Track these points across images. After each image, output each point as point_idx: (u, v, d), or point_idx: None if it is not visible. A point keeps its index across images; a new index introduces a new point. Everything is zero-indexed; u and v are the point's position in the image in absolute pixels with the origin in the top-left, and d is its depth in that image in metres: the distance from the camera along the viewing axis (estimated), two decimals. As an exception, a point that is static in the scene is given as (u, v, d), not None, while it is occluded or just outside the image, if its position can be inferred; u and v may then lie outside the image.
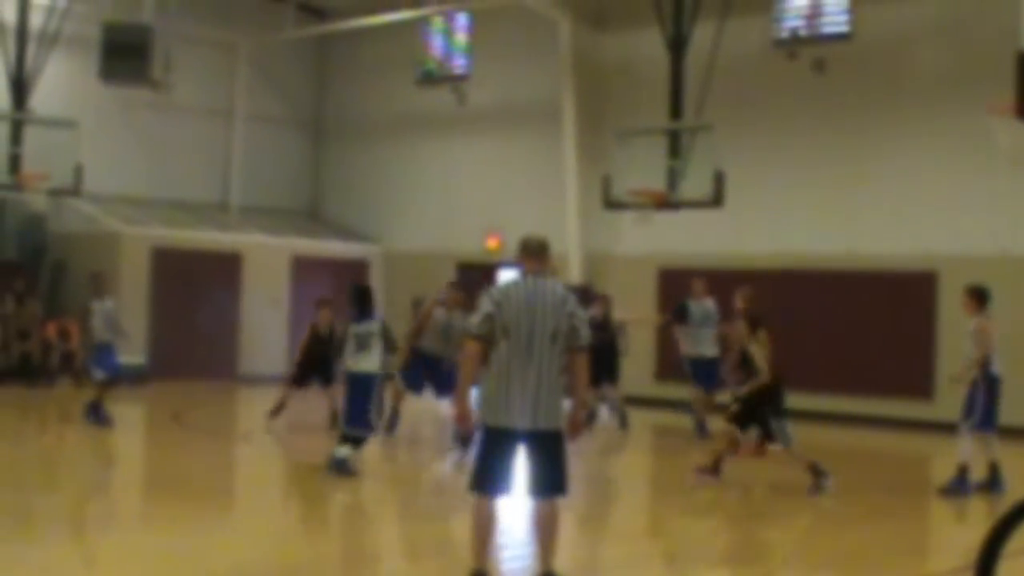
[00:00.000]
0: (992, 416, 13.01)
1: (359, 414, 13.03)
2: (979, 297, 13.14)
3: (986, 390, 12.94)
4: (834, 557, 9.90)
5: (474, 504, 7.83)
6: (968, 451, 12.99)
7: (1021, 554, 5.95)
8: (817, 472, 13.02)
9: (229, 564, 8.78)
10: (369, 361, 13.05)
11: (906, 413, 19.89)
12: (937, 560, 10.57)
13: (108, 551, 9.28)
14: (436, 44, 27.12)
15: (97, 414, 17.07)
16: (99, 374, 17.21)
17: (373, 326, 13.18)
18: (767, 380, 13.01)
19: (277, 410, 17.22)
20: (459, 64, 26.68)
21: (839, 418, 20.22)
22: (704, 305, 17.69)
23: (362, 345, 13.11)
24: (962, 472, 12.96)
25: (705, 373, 17.34)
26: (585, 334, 7.87)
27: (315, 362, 17.03)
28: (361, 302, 13.32)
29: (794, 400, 20.57)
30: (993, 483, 13.08)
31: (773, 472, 15.38)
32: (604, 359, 17.64)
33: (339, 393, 16.76)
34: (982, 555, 5.45)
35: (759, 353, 13.08)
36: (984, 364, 12.93)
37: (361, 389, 13.07)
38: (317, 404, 17.25)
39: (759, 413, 13.24)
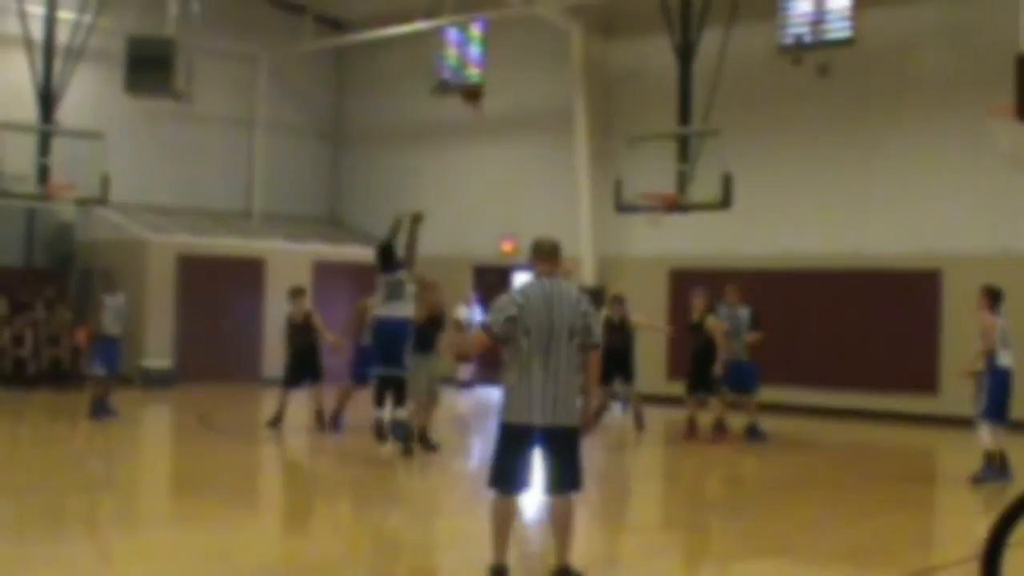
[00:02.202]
0: (998, 408, 13.08)
1: (395, 357, 13.78)
2: (990, 296, 13.31)
3: (991, 381, 13.05)
4: (844, 548, 9.87)
5: (493, 500, 7.83)
6: (988, 439, 13.10)
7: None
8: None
9: (255, 561, 8.79)
10: (403, 308, 13.76)
11: (911, 408, 19.86)
12: (945, 551, 10.53)
13: (136, 549, 9.28)
14: (451, 54, 27.13)
15: (106, 409, 17.47)
16: (100, 369, 17.45)
17: (402, 274, 13.83)
18: None
19: (277, 419, 16.61)
20: (473, 73, 26.68)
21: (846, 413, 20.21)
22: (734, 312, 17.05)
23: (394, 294, 13.73)
24: (989, 460, 13.07)
25: (736, 376, 16.83)
26: (597, 332, 7.92)
27: (303, 356, 16.92)
28: (387, 256, 14.02)
29: (802, 396, 20.81)
30: (1001, 471, 13.19)
31: (781, 465, 15.38)
32: (618, 359, 17.59)
33: (326, 393, 16.81)
34: (988, 545, 5.43)
35: None
36: (989, 356, 13.06)
37: (394, 334, 13.73)
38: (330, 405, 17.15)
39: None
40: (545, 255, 7.96)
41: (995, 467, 13.08)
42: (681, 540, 10.78)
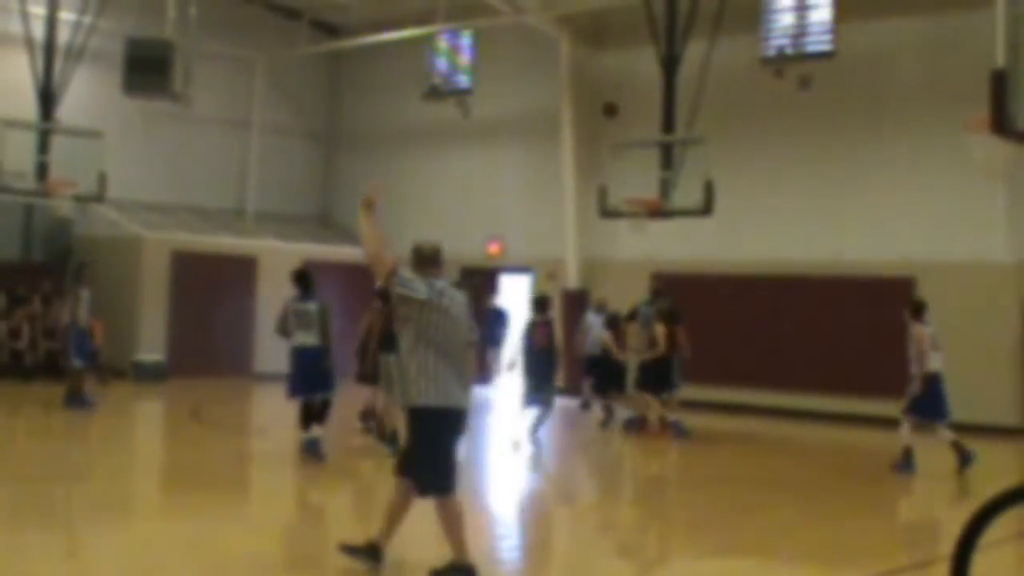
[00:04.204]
0: (926, 407, 14.20)
1: (322, 382, 13.58)
2: (914, 308, 14.44)
3: (921, 383, 14.13)
4: (817, 548, 9.85)
5: (439, 504, 7.60)
6: (947, 436, 14.32)
7: (994, 546, 5.93)
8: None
9: (243, 552, 8.75)
10: (312, 336, 13.51)
11: (886, 411, 19.78)
12: (917, 551, 10.53)
13: (128, 538, 9.26)
14: (442, 60, 27.10)
15: (81, 400, 17.64)
16: (78, 362, 17.58)
17: (312, 306, 13.62)
18: None
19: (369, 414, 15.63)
20: (463, 79, 26.67)
21: (823, 416, 20.22)
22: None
23: (303, 323, 13.54)
24: (905, 453, 14.25)
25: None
26: (474, 329, 8.12)
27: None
28: (304, 284, 13.81)
29: (779, 399, 20.81)
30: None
31: (757, 466, 15.38)
32: (610, 372, 18.40)
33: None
34: (959, 545, 5.42)
35: None
36: (920, 362, 14.13)
37: (315, 361, 13.49)
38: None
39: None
40: (428, 260, 8.02)
41: (908, 461, 14.15)
42: (655, 539, 10.76)
